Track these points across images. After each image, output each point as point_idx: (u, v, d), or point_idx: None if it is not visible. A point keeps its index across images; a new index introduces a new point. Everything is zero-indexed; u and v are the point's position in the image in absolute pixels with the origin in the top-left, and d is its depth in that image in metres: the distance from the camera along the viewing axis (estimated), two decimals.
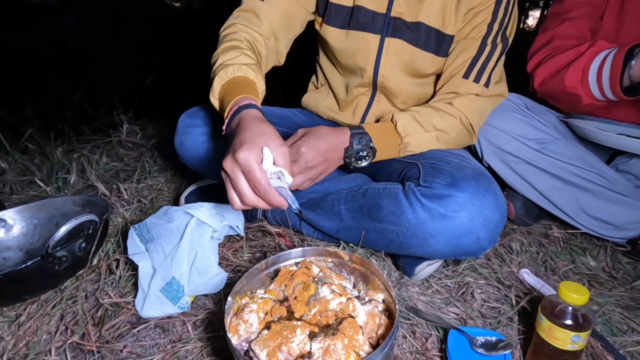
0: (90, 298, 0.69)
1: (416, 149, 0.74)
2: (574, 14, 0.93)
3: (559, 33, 0.92)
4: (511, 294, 0.73)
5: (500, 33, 0.74)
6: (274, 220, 0.90)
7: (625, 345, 0.63)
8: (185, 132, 0.81)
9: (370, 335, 0.51)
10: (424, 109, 0.75)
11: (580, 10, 0.93)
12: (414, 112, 0.74)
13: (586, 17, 0.93)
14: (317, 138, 0.69)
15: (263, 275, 0.60)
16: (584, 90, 0.86)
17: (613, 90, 0.82)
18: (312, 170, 0.69)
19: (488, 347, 0.57)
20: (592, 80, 0.85)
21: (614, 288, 0.77)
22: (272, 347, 0.47)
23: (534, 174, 0.87)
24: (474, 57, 0.74)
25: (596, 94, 0.86)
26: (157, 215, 0.72)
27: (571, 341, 0.52)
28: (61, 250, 0.65)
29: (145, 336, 0.62)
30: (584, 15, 0.93)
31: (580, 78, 0.86)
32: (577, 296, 0.52)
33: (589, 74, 0.85)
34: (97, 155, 1.27)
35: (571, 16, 0.93)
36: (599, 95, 0.86)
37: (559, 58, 0.90)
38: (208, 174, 0.88)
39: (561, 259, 0.86)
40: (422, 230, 0.64)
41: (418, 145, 0.74)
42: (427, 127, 0.73)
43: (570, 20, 0.93)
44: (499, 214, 0.64)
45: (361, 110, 0.87)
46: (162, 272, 0.65)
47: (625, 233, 0.86)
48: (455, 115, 0.74)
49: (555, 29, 0.94)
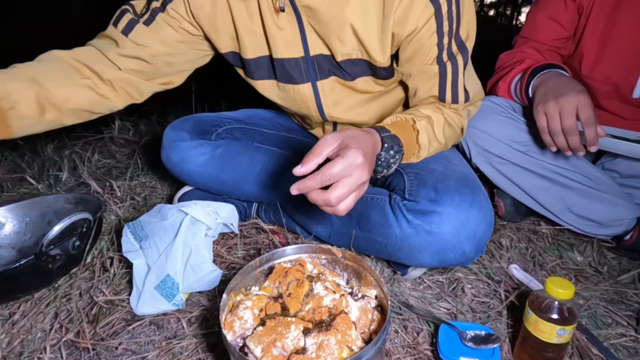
0: (84, 296, 0.69)
1: (418, 160, 0.69)
2: (539, 36, 0.96)
3: (517, 56, 0.96)
4: (500, 289, 0.75)
5: (453, 45, 0.66)
6: (268, 219, 0.91)
7: (610, 338, 0.65)
8: (170, 146, 0.81)
9: (363, 330, 0.52)
10: (436, 115, 0.67)
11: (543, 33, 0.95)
12: (430, 120, 0.66)
13: (549, 41, 0.95)
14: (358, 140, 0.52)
15: (257, 272, 0.60)
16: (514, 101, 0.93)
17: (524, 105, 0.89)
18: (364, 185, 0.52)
19: (477, 341, 0.59)
20: (513, 94, 0.92)
21: (600, 282, 0.80)
22: (267, 342, 0.48)
23: (520, 174, 0.89)
24: (440, 82, 0.68)
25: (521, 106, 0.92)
26: (151, 213, 0.72)
27: (557, 334, 0.54)
28: (55, 248, 0.65)
29: (140, 333, 0.63)
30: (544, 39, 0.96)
31: (507, 90, 0.93)
32: (563, 291, 0.53)
33: (511, 88, 0.91)
34: (89, 152, 1.26)
35: (533, 37, 0.96)
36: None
37: (501, 72, 0.95)
38: (197, 186, 0.88)
39: (549, 255, 0.88)
40: (409, 244, 0.65)
41: (424, 156, 0.69)
42: (439, 138, 0.67)
43: (530, 41, 0.96)
44: (484, 226, 0.64)
45: (329, 132, 0.86)
46: (157, 270, 0.65)
47: (610, 230, 0.89)
48: (459, 124, 0.71)
49: (517, 49, 0.98)
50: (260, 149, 0.84)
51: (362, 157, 0.49)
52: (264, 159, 0.83)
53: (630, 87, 0.90)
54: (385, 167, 0.61)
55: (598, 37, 0.91)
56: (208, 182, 0.83)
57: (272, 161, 0.83)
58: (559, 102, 0.75)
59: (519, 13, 8.22)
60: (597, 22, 0.91)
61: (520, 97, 0.89)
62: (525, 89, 0.86)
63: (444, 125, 0.68)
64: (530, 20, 0.98)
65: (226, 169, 0.81)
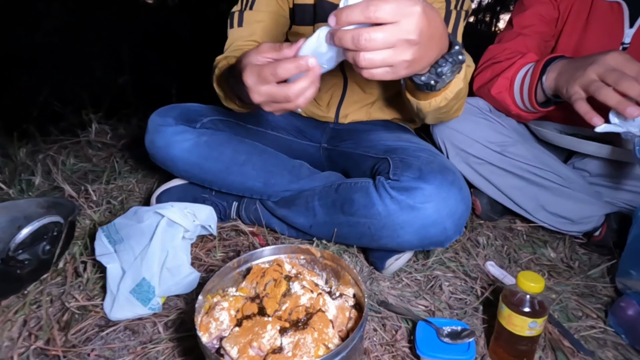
0: (55, 302, 0.67)
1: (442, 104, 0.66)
2: (529, 31, 0.96)
3: (510, 48, 0.95)
4: (477, 286, 0.76)
5: (459, 4, 0.77)
6: (248, 219, 0.90)
7: (580, 330, 0.68)
8: (155, 131, 0.80)
9: (340, 328, 0.52)
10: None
11: (536, 27, 0.96)
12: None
13: (539, 35, 0.96)
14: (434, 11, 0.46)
15: (235, 273, 0.60)
16: (511, 100, 0.89)
17: (530, 101, 0.85)
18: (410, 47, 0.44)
19: (454, 336, 0.60)
20: (516, 90, 0.87)
21: (571, 277, 0.82)
22: (243, 343, 0.47)
23: (495, 174, 0.92)
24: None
25: (520, 104, 0.88)
26: (127, 216, 0.71)
27: (529, 327, 0.56)
28: (23, 253, 0.63)
29: (115, 339, 0.61)
30: (537, 34, 0.96)
31: (507, 87, 0.88)
32: (534, 285, 0.55)
33: (515, 84, 0.87)
34: (63, 155, 1.22)
35: (526, 32, 0.96)
36: (522, 105, 0.88)
37: (496, 67, 0.93)
38: (180, 175, 0.87)
39: (524, 251, 0.91)
40: (392, 221, 0.66)
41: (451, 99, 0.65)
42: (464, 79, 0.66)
43: (524, 36, 0.96)
44: (464, 205, 0.67)
45: (335, 102, 0.90)
46: (132, 274, 0.64)
47: (581, 227, 0.92)
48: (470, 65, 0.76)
49: (508, 43, 0.96)
50: (244, 141, 0.84)
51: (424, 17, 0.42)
52: (249, 150, 0.83)
53: None
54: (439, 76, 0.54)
55: (574, 43, 0.95)
56: (191, 170, 0.82)
57: (256, 153, 0.83)
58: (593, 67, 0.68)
59: (498, 20, 8.50)
60: (572, 29, 0.95)
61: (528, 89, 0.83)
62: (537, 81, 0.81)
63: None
64: (518, 17, 0.99)
65: (211, 157, 0.81)
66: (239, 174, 0.82)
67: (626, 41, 0.91)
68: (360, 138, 0.88)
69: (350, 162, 0.87)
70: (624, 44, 0.91)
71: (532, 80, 0.82)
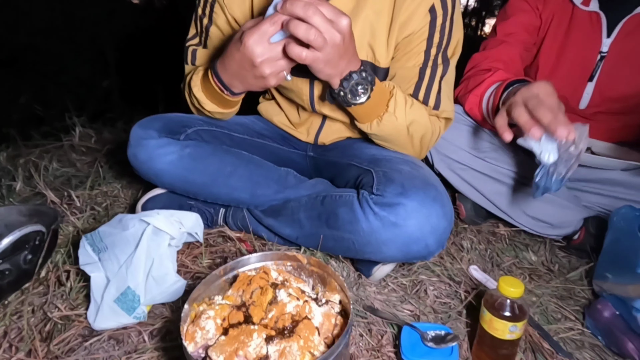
0: (37, 312, 0.66)
1: (383, 133, 0.74)
2: (511, 39, 0.98)
3: (492, 57, 0.97)
4: (460, 290, 0.78)
5: (439, 57, 0.74)
6: (235, 226, 0.90)
7: (559, 332, 0.70)
8: (138, 144, 0.79)
9: (326, 335, 0.53)
10: (418, 103, 0.75)
11: (518, 35, 0.98)
12: (409, 99, 0.73)
13: (522, 44, 0.98)
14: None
15: (222, 281, 0.60)
16: (481, 116, 0.91)
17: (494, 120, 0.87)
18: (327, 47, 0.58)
19: (437, 341, 0.61)
20: (484, 107, 0.90)
21: (551, 280, 0.85)
22: (229, 352, 0.47)
23: (478, 179, 0.94)
24: (417, 83, 0.75)
25: (489, 120, 0.90)
26: (111, 224, 0.70)
27: (509, 331, 0.57)
28: (4, 263, 0.61)
29: (99, 349, 0.60)
30: (519, 42, 0.98)
31: (477, 103, 0.91)
32: (514, 289, 0.57)
33: (483, 102, 0.90)
34: (46, 160, 1.20)
35: (509, 40, 0.98)
36: (490, 122, 0.89)
37: (470, 81, 0.94)
38: (165, 187, 0.86)
39: (506, 255, 0.93)
40: (376, 239, 0.67)
41: (388, 125, 0.72)
42: (408, 115, 0.72)
43: (507, 44, 0.97)
44: (446, 222, 0.67)
45: (315, 129, 0.90)
46: (117, 282, 0.63)
47: (560, 231, 0.95)
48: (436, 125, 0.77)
49: (491, 50, 0.98)
50: (230, 151, 0.84)
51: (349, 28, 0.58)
52: (234, 161, 0.82)
53: (577, 100, 0.97)
54: (349, 89, 0.65)
55: (555, 52, 0.98)
56: (176, 183, 0.82)
57: (242, 164, 0.83)
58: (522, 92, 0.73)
59: (483, 24, 8.68)
60: (554, 38, 0.97)
61: (491, 110, 0.87)
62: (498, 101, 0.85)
63: (420, 108, 0.74)
64: (502, 25, 1.01)
65: (196, 169, 0.80)
66: (224, 186, 0.82)
67: (604, 50, 0.93)
68: (345, 147, 0.89)
69: (335, 170, 0.88)
70: (602, 52, 0.94)
71: (494, 101, 0.86)
